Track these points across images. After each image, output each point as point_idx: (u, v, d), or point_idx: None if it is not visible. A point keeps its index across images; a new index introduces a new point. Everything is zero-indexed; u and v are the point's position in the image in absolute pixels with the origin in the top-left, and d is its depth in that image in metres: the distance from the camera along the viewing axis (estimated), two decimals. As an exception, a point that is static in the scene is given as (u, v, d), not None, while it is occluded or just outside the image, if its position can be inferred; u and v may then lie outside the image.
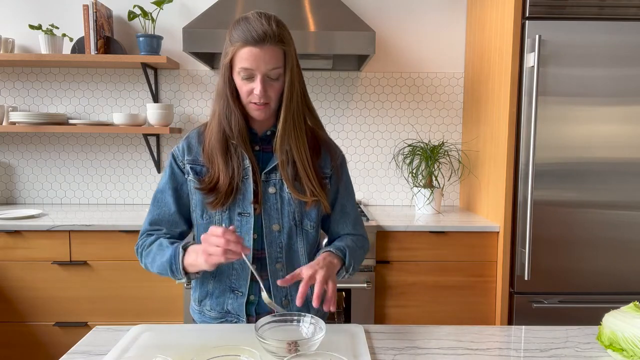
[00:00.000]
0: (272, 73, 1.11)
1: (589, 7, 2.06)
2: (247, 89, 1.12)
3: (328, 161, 1.25)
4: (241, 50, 1.09)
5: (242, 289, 1.22)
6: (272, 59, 1.09)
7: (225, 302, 1.24)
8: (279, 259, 1.22)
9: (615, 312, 1.04)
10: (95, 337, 1.13)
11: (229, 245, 1.02)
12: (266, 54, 1.08)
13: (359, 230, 1.32)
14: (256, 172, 1.19)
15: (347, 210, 1.30)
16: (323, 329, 1.02)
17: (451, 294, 2.31)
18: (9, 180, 2.82)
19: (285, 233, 1.22)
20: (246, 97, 1.13)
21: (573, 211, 2.13)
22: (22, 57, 2.49)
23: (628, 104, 2.10)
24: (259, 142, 1.23)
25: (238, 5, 2.39)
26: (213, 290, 1.25)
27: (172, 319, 2.29)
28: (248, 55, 1.08)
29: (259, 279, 1.12)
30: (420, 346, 1.09)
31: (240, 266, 1.21)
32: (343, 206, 1.29)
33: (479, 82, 2.54)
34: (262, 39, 1.07)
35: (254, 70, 1.09)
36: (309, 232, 1.25)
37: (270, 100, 1.14)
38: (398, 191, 2.89)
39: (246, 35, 1.08)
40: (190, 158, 1.22)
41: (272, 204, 1.21)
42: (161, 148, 2.82)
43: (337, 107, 2.83)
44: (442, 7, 2.78)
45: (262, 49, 1.08)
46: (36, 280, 2.25)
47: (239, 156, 1.18)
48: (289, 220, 1.21)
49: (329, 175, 1.25)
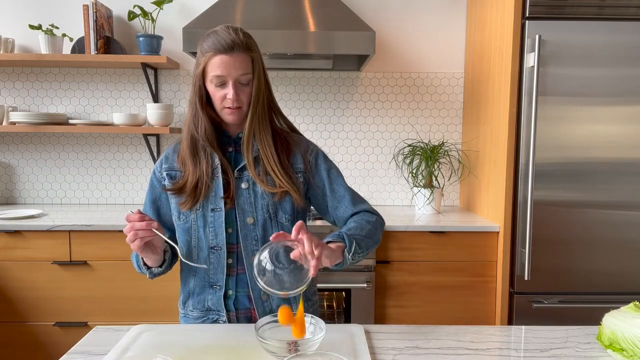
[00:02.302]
0: (242, 78, 1.19)
1: (589, 7, 2.06)
2: (221, 95, 1.20)
3: (299, 157, 1.30)
4: (213, 59, 1.17)
5: (219, 282, 1.26)
6: (242, 65, 1.18)
7: (205, 299, 1.28)
8: (254, 252, 1.24)
9: (615, 312, 1.04)
10: (95, 337, 1.13)
11: (134, 227, 1.08)
12: (236, 61, 1.17)
13: (361, 207, 1.32)
14: (228, 171, 1.25)
15: (340, 192, 1.32)
16: (323, 329, 1.02)
17: (451, 294, 2.31)
18: (9, 180, 2.82)
19: (260, 226, 1.25)
20: (220, 102, 1.21)
21: (573, 211, 2.13)
22: (22, 57, 2.49)
23: (628, 104, 2.10)
24: (232, 143, 1.29)
25: (238, 5, 2.39)
26: (194, 288, 1.30)
27: (172, 319, 2.29)
28: (220, 63, 1.16)
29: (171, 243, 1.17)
30: (420, 346, 1.09)
31: (216, 260, 1.25)
32: (333, 191, 1.32)
33: (479, 82, 2.54)
34: (232, 47, 1.16)
35: (225, 77, 1.17)
36: (284, 224, 1.27)
37: (243, 104, 1.21)
38: (398, 191, 2.89)
39: (216, 45, 1.16)
40: (166, 166, 1.31)
41: (246, 198, 1.25)
42: (161, 148, 2.83)
43: (337, 107, 2.83)
44: (442, 7, 2.78)
45: (232, 56, 1.16)
46: (36, 280, 2.25)
47: (209, 157, 1.25)
48: (262, 213, 1.25)
49: (301, 170, 1.29)
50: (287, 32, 2.25)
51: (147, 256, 1.16)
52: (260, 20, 2.31)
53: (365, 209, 1.32)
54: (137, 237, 1.09)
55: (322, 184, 1.32)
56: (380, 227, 1.31)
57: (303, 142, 1.34)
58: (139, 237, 1.09)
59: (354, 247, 1.16)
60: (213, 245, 1.25)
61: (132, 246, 1.11)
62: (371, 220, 1.28)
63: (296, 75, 2.81)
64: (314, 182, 1.31)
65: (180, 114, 2.80)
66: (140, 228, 1.08)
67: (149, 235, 1.10)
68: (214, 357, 1.00)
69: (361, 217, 1.28)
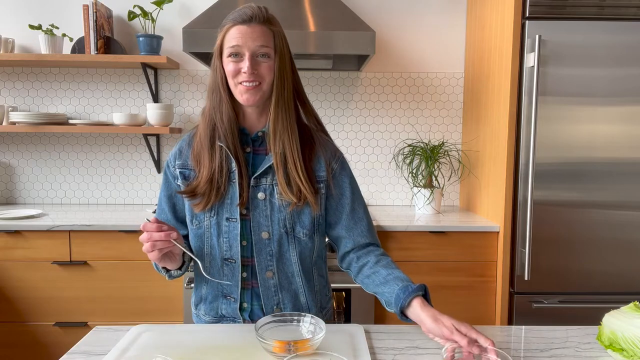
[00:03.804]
0: (261, 50, 1.08)
1: (589, 7, 2.06)
2: (235, 68, 1.09)
3: (323, 164, 1.17)
4: (230, 30, 1.08)
5: (234, 294, 1.20)
6: (260, 37, 1.08)
7: (219, 307, 1.23)
8: (269, 267, 1.18)
9: (615, 312, 1.04)
10: (95, 337, 1.13)
11: (152, 237, 1.01)
12: (254, 31, 1.07)
13: (375, 238, 1.23)
14: (244, 176, 1.14)
15: (360, 214, 1.21)
16: (323, 329, 1.02)
17: (451, 294, 2.31)
18: (9, 180, 2.82)
19: (275, 241, 1.16)
20: (234, 78, 1.10)
21: (573, 211, 2.13)
22: (22, 57, 2.49)
23: (628, 104, 2.10)
24: (250, 143, 1.18)
25: (238, 5, 2.39)
26: (206, 295, 1.24)
27: (172, 319, 2.29)
28: (236, 34, 1.07)
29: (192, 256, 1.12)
30: (420, 346, 1.09)
31: (230, 273, 1.19)
32: (354, 210, 1.20)
33: (479, 82, 2.54)
34: (250, 17, 1.08)
35: (241, 47, 1.07)
36: (302, 239, 1.18)
37: (262, 79, 1.10)
38: (398, 191, 2.89)
39: (235, 17, 1.09)
40: (180, 162, 1.21)
41: (261, 211, 1.15)
42: (161, 148, 2.82)
43: (337, 107, 2.83)
44: (442, 7, 2.78)
45: (250, 26, 1.07)
46: (36, 280, 2.25)
47: (225, 158, 1.14)
48: (279, 227, 1.15)
49: (323, 179, 1.17)
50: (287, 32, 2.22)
51: (166, 264, 1.10)
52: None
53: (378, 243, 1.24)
54: (156, 248, 1.02)
55: (343, 198, 1.20)
56: None
57: (329, 146, 1.21)
58: (157, 248, 1.02)
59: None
60: (227, 257, 1.18)
61: (150, 256, 1.04)
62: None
63: (296, 75, 2.80)
64: (334, 192, 1.20)
65: (180, 114, 2.80)
66: (159, 239, 1.01)
67: (168, 247, 1.04)
68: (214, 357, 1.00)
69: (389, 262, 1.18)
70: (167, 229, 1.03)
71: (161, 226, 1.03)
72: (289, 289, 1.21)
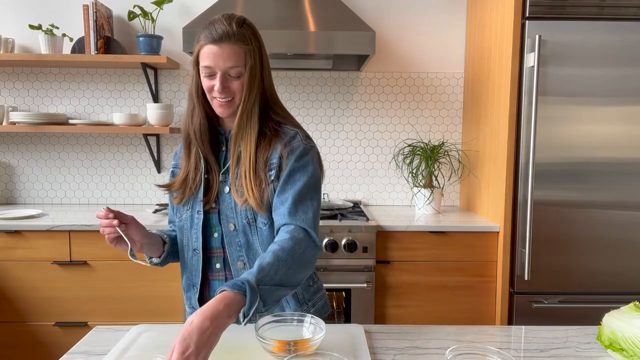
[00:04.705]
0: (232, 71, 1.14)
1: (589, 7, 2.06)
2: (209, 85, 1.16)
3: (278, 150, 1.19)
4: (203, 48, 1.14)
5: (196, 285, 1.27)
6: (231, 58, 1.12)
7: (191, 298, 1.30)
8: (240, 258, 1.23)
9: (615, 312, 1.04)
10: (95, 337, 1.13)
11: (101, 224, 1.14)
12: (224, 52, 1.12)
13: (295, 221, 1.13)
14: (214, 171, 1.23)
15: (285, 195, 1.16)
16: (323, 329, 1.02)
17: (451, 294, 2.31)
18: (9, 180, 2.82)
19: (240, 232, 1.21)
20: (209, 93, 1.18)
21: (573, 211, 2.13)
22: (22, 57, 2.49)
23: (628, 104, 2.09)
24: (224, 142, 1.26)
25: (238, 5, 2.39)
26: (185, 286, 1.32)
27: (172, 319, 2.29)
28: (208, 54, 1.13)
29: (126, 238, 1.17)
30: (420, 346, 1.09)
31: (196, 262, 1.26)
32: (281, 191, 1.17)
33: (479, 82, 2.54)
34: (221, 37, 1.12)
35: (213, 68, 1.13)
36: (263, 229, 1.20)
37: (234, 95, 1.16)
38: (398, 191, 2.89)
39: (207, 35, 1.13)
40: (174, 162, 1.34)
41: (227, 204, 1.22)
42: (161, 148, 2.83)
43: (337, 107, 2.83)
44: (442, 7, 2.78)
45: (221, 47, 1.12)
46: (36, 280, 2.25)
47: (198, 154, 1.23)
48: (241, 219, 1.21)
49: (275, 165, 1.18)
50: (287, 32, 2.25)
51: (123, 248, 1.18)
52: (260, 20, 2.31)
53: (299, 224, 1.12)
54: (105, 233, 1.14)
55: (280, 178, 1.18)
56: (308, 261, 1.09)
57: (288, 134, 1.21)
58: (105, 233, 1.14)
59: (257, 305, 0.95)
60: (194, 248, 1.26)
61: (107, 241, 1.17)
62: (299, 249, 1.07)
63: (296, 75, 2.81)
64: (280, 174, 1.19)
65: (180, 114, 2.80)
66: (104, 225, 1.13)
67: (114, 233, 1.14)
68: (214, 357, 0.99)
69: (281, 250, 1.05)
70: (112, 216, 1.13)
71: (108, 214, 1.13)
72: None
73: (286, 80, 2.81)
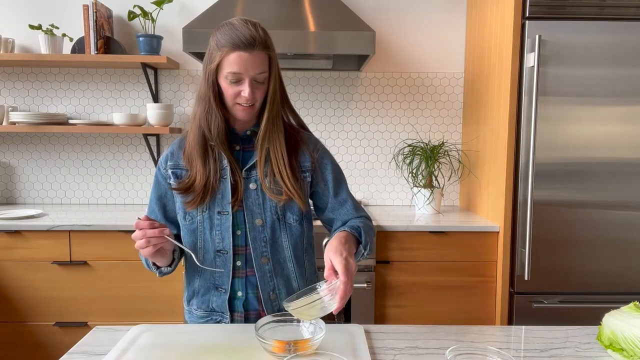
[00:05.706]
0: (259, 77, 1.15)
1: (589, 7, 2.06)
2: (234, 91, 1.15)
3: (307, 155, 1.28)
4: (230, 55, 1.12)
5: (224, 285, 1.25)
6: (260, 64, 1.14)
7: (210, 300, 1.27)
8: (264, 253, 1.25)
9: (615, 312, 1.04)
10: (95, 337, 1.13)
11: (147, 234, 1.08)
12: (255, 59, 1.13)
13: (362, 213, 1.33)
14: (236, 170, 1.23)
15: (343, 196, 1.32)
16: (323, 329, 1.02)
17: (451, 294, 2.31)
18: (9, 180, 2.82)
19: (268, 227, 1.24)
20: (232, 99, 1.17)
21: (573, 211, 2.13)
22: (22, 57, 2.49)
23: (628, 104, 2.09)
24: (239, 141, 1.26)
25: (238, 5, 2.39)
26: (199, 289, 1.29)
27: (172, 319, 2.30)
28: (237, 60, 1.12)
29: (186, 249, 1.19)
30: (420, 346, 1.09)
31: (222, 262, 1.24)
32: (337, 194, 1.32)
33: (479, 82, 2.54)
34: (251, 44, 1.11)
35: (242, 74, 1.13)
36: (292, 225, 1.27)
37: (256, 101, 1.18)
38: (398, 191, 2.89)
39: (235, 41, 1.11)
40: (172, 164, 1.28)
41: (254, 200, 1.23)
42: (161, 148, 2.83)
43: (337, 107, 2.83)
44: (442, 7, 2.78)
45: (251, 54, 1.12)
46: (36, 280, 2.25)
47: (217, 157, 1.22)
48: (271, 214, 1.24)
49: (308, 169, 1.28)
50: (287, 32, 2.25)
51: (157, 260, 1.17)
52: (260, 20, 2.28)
53: (366, 215, 1.34)
54: (150, 244, 1.09)
55: (327, 184, 1.31)
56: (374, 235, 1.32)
57: (312, 140, 1.32)
58: (151, 244, 1.09)
59: (368, 248, 1.21)
60: (219, 249, 1.24)
61: (143, 252, 1.10)
62: (373, 227, 1.31)
63: (296, 75, 2.81)
64: (319, 178, 1.30)
65: (180, 114, 2.80)
66: (153, 235, 1.08)
67: (161, 242, 1.11)
68: (214, 357, 1.00)
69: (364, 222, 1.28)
70: (158, 226, 1.10)
71: (153, 223, 1.10)
72: (282, 274, 1.28)
73: (286, 80, 2.80)
